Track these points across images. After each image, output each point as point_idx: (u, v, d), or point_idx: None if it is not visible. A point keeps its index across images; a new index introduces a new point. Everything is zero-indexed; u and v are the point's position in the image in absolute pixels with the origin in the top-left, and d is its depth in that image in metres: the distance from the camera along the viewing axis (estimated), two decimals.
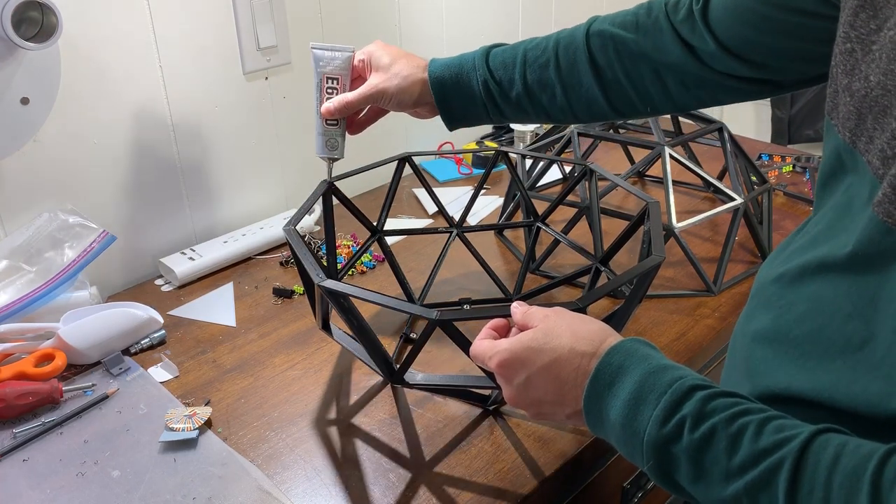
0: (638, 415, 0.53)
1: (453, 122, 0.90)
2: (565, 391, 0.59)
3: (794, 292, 0.58)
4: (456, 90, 0.87)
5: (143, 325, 0.98)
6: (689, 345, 0.97)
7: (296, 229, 0.82)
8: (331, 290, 0.72)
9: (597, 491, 0.89)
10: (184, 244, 1.21)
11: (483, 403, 0.86)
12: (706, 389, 0.52)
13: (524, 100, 0.86)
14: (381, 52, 0.87)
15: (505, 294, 1.06)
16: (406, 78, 0.86)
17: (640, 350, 0.57)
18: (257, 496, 0.75)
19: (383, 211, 1.04)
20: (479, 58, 0.86)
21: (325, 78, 0.88)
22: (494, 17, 1.63)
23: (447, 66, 0.87)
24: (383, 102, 0.88)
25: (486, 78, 0.85)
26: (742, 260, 1.16)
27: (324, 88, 0.88)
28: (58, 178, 1.05)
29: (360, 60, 0.88)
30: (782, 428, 0.48)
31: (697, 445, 0.50)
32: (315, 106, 0.89)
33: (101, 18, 1.02)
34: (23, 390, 0.85)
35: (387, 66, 0.86)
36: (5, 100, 0.96)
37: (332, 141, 0.91)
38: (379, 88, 0.86)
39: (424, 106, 0.89)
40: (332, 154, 0.92)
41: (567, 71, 0.84)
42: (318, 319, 0.83)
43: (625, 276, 0.73)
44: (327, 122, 0.89)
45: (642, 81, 0.82)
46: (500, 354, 0.62)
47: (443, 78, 0.86)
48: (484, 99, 0.86)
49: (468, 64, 0.86)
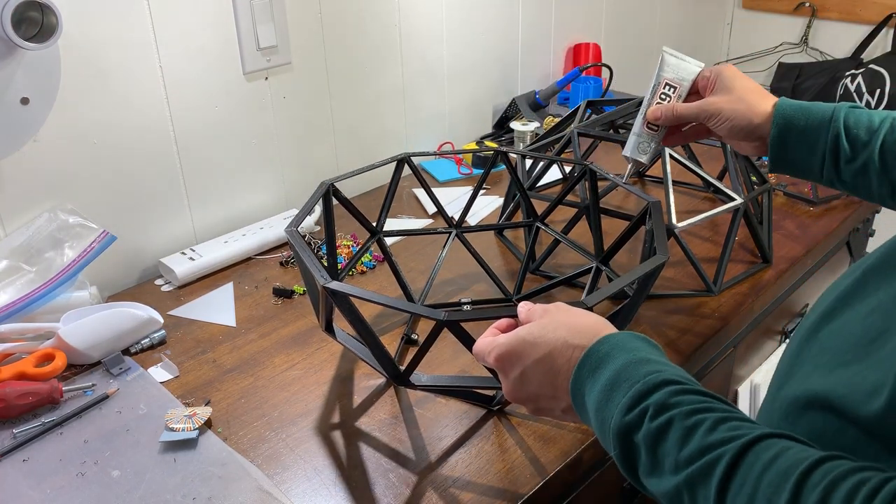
0: (609, 401, 0.54)
1: (778, 165, 0.82)
2: (558, 383, 0.59)
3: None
4: (800, 134, 0.79)
5: (143, 325, 0.98)
6: (688, 345, 0.97)
7: (298, 231, 0.82)
8: (336, 292, 0.72)
9: (597, 491, 0.89)
10: (184, 244, 1.21)
11: (488, 404, 0.86)
12: (679, 385, 0.52)
13: (872, 167, 0.76)
14: (731, 75, 0.83)
15: (505, 294, 1.06)
16: (749, 105, 0.81)
17: (629, 343, 0.57)
18: (257, 496, 0.75)
19: (382, 212, 1.04)
20: (838, 109, 0.78)
21: (665, 83, 0.86)
22: (494, 17, 1.63)
23: (800, 107, 0.80)
24: (715, 122, 0.83)
25: (840, 132, 0.77)
26: (742, 260, 1.16)
27: (658, 92, 0.87)
28: (58, 178, 1.05)
29: (706, 78, 0.85)
30: (738, 427, 0.48)
31: (654, 435, 0.50)
32: (644, 105, 0.88)
33: (101, 18, 1.02)
34: (23, 390, 0.85)
35: (731, 89, 0.82)
36: (5, 100, 0.96)
37: (645, 145, 0.88)
38: (716, 106, 0.82)
39: (756, 141, 0.82)
40: (639, 157, 0.89)
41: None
42: (321, 321, 0.83)
43: (631, 275, 0.73)
44: (648, 126, 0.87)
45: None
46: (497, 349, 0.62)
47: (791, 116, 0.79)
48: (826, 152, 0.78)
49: (823, 112, 0.78)
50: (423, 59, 1.50)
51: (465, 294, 1.08)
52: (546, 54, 1.82)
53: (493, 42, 1.65)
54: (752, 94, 0.81)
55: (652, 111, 0.87)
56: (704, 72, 0.86)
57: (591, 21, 1.91)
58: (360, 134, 1.43)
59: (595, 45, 1.85)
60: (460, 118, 1.64)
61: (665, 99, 0.87)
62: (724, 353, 1.11)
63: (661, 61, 0.87)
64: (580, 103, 1.30)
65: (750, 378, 1.29)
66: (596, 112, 1.31)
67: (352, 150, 1.43)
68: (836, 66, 2.12)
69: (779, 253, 1.17)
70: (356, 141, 1.43)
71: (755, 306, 1.09)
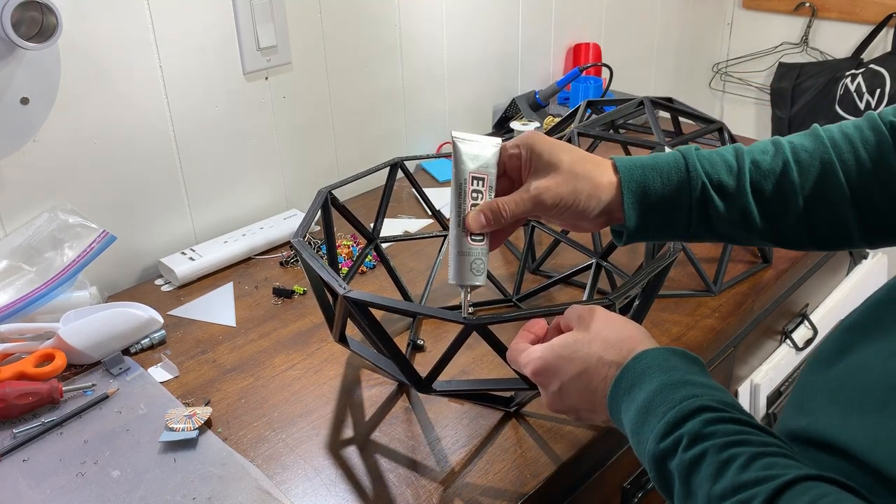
0: (644, 424, 0.53)
1: (636, 235, 0.67)
2: (596, 400, 0.59)
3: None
4: (662, 198, 0.65)
5: (143, 325, 0.98)
6: (688, 345, 0.97)
7: (306, 241, 0.81)
8: (357, 301, 0.71)
9: (597, 491, 0.89)
10: (184, 244, 1.21)
11: (506, 405, 0.86)
12: (715, 412, 0.51)
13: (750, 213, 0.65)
14: (547, 146, 0.66)
15: (504, 295, 1.06)
16: (590, 179, 0.65)
17: (666, 360, 0.56)
18: (257, 496, 0.75)
19: (378, 216, 1.04)
20: (688, 154, 0.66)
21: (471, 178, 0.68)
22: (494, 17, 1.63)
23: (643, 165, 0.66)
24: (557, 212, 0.66)
25: (704, 181, 0.64)
26: (742, 260, 1.16)
27: (468, 192, 0.67)
28: (58, 178, 1.05)
29: (514, 156, 0.68)
30: (772, 465, 0.46)
31: (687, 466, 0.49)
32: (454, 215, 0.68)
33: (101, 18, 1.02)
34: (23, 390, 0.85)
35: (555, 164, 0.65)
36: (5, 100, 0.96)
37: (478, 262, 0.68)
38: (552, 193, 0.64)
39: (602, 217, 0.67)
40: (474, 281, 0.68)
41: (814, 184, 0.65)
42: (335, 332, 0.81)
43: (649, 269, 0.74)
44: (472, 238, 0.67)
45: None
46: (533, 363, 0.62)
47: (643, 178, 0.65)
48: (693, 207, 0.65)
49: (675, 161, 0.65)
50: (423, 59, 1.50)
51: None
52: (546, 54, 1.82)
53: (493, 42, 1.65)
54: (582, 163, 0.66)
55: (474, 220, 0.66)
56: (508, 148, 0.68)
57: (591, 21, 1.91)
58: (359, 134, 1.43)
59: (595, 45, 1.85)
60: (460, 118, 1.64)
61: (478, 197, 0.68)
62: (724, 353, 1.11)
63: (456, 151, 0.69)
64: (580, 103, 1.29)
65: (750, 378, 1.29)
66: (596, 112, 1.31)
67: (352, 150, 1.43)
68: (837, 66, 2.12)
69: (779, 253, 1.17)
70: (356, 141, 1.43)
71: (755, 306, 1.09)
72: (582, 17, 1.88)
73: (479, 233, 0.67)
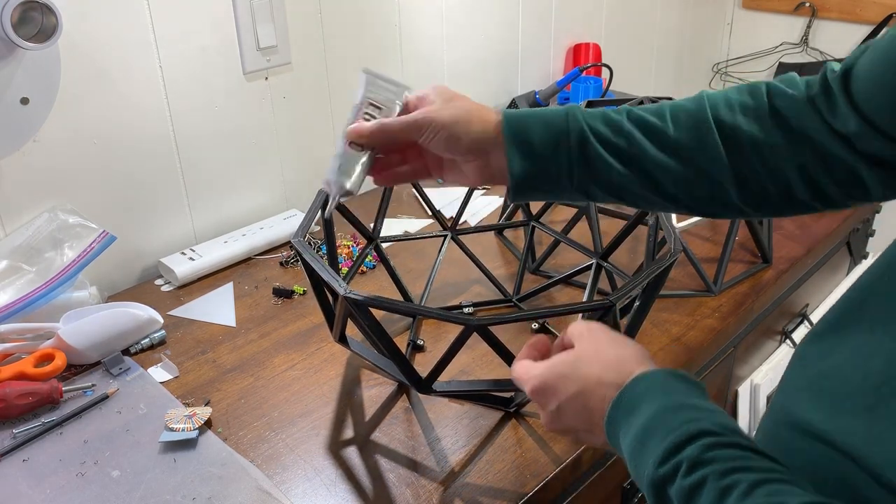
0: (643, 449, 0.52)
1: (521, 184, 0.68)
2: (594, 420, 0.58)
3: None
4: (541, 129, 0.67)
5: (143, 325, 0.98)
6: (688, 345, 0.97)
7: (306, 241, 0.81)
8: (357, 301, 0.71)
9: (597, 491, 0.89)
10: (184, 244, 1.21)
11: (506, 406, 0.86)
12: (715, 436, 0.50)
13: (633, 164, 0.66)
14: (448, 90, 0.71)
15: (504, 295, 1.06)
16: (466, 110, 0.68)
17: (665, 384, 0.55)
18: (257, 496, 0.75)
19: (378, 217, 1.04)
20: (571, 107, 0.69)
21: (368, 103, 0.72)
22: (495, 17, 1.63)
23: (526, 112, 0.69)
24: (429, 136, 0.68)
25: (583, 126, 0.66)
26: (742, 260, 1.16)
27: (361, 112, 0.72)
28: (58, 178, 1.05)
29: (419, 98, 0.72)
30: (775, 493, 0.45)
31: (686, 492, 0.48)
32: (345, 126, 0.72)
33: (100, 18, 1.02)
34: (23, 390, 0.85)
35: (447, 99, 0.70)
36: (5, 100, 0.96)
37: (347, 167, 0.70)
38: (428, 116, 0.68)
39: (480, 156, 0.68)
40: (341, 179, 0.70)
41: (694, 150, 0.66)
42: (335, 332, 0.81)
43: (650, 269, 0.74)
44: (351, 144, 0.71)
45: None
46: (532, 381, 0.61)
47: (524, 121, 0.67)
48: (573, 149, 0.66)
49: (556, 112, 0.68)
50: (424, 59, 1.50)
51: (464, 296, 1.08)
52: (546, 54, 1.82)
53: (493, 42, 1.65)
54: (472, 104, 0.69)
55: (354, 128, 0.70)
56: (416, 95, 0.72)
57: (591, 21, 1.91)
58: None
59: (595, 45, 1.85)
60: None
61: (369, 119, 0.71)
62: (724, 353, 1.11)
63: (362, 81, 0.73)
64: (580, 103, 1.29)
65: (750, 378, 1.29)
66: None
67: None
68: None
69: (779, 253, 1.17)
70: None
71: (755, 306, 1.09)
72: (582, 18, 1.88)
73: (358, 142, 0.70)
